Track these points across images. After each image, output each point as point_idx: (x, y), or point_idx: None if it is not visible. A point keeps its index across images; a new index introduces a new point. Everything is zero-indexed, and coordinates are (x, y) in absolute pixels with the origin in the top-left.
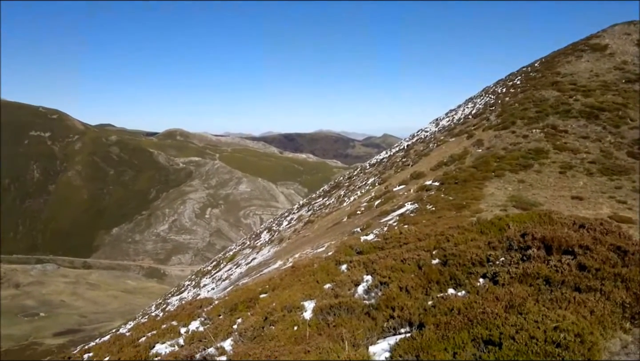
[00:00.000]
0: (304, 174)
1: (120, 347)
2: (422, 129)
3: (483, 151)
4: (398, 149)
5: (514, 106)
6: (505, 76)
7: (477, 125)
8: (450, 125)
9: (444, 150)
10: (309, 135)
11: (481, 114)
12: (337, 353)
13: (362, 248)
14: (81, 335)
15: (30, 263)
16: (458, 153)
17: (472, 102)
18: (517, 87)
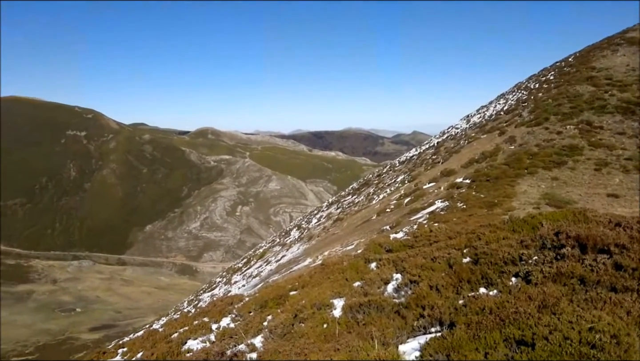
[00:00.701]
0: (333, 171)
1: (153, 343)
2: (453, 126)
3: (515, 148)
4: (428, 146)
5: (547, 101)
6: (538, 71)
7: (510, 121)
8: (482, 121)
9: (475, 147)
10: (338, 133)
11: (513, 110)
12: (367, 352)
13: (391, 246)
14: (116, 330)
15: (67, 259)
16: (490, 150)
17: (504, 98)
18: (551, 83)
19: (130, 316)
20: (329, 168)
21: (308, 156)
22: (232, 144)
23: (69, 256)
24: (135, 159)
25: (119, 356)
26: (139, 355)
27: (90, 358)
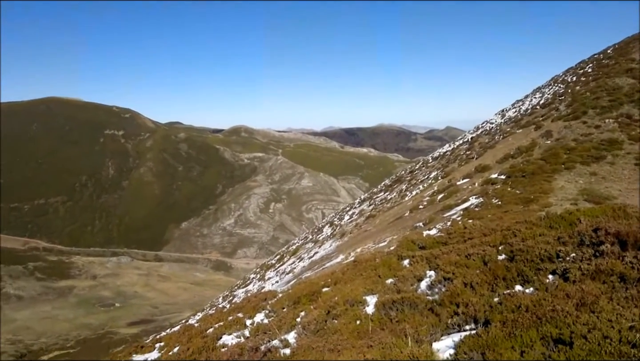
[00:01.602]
0: (365, 168)
1: (189, 337)
2: (487, 121)
3: (552, 143)
4: (462, 141)
5: (585, 94)
6: (576, 64)
7: (546, 115)
8: (517, 116)
9: (511, 142)
10: (370, 129)
11: (550, 104)
12: (400, 349)
13: (424, 242)
14: (153, 325)
15: (106, 255)
16: (525, 145)
17: (540, 92)
18: (589, 75)
19: (167, 311)
20: (361, 165)
21: (340, 153)
22: (264, 141)
23: (108, 253)
24: (171, 157)
25: (156, 350)
26: (175, 350)
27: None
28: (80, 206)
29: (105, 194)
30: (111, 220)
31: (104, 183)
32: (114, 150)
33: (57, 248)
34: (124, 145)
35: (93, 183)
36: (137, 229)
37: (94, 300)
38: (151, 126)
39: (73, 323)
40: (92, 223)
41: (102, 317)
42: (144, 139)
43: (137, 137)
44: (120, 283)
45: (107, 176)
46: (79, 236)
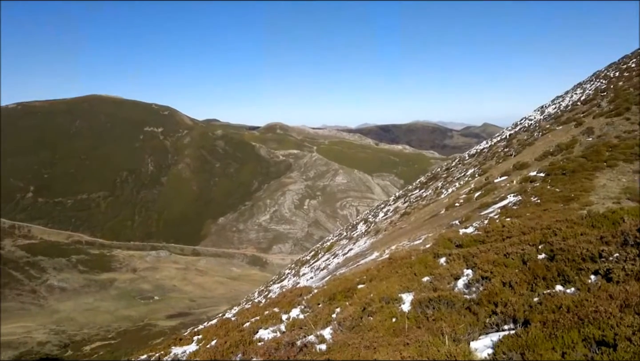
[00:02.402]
0: (400, 165)
1: (226, 331)
2: (526, 118)
3: (593, 140)
4: (499, 138)
5: (628, 90)
6: (619, 59)
7: (587, 112)
8: (557, 112)
9: (550, 139)
10: (405, 126)
11: (591, 100)
12: (437, 347)
13: (461, 241)
14: (191, 318)
15: (146, 249)
16: (565, 142)
17: (581, 87)
18: (632, 71)
19: (204, 304)
20: (395, 162)
21: (375, 150)
22: (299, 138)
23: (147, 247)
24: (208, 154)
25: (195, 343)
26: (213, 343)
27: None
28: (121, 201)
29: (144, 190)
30: (150, 215)
31: (144, 179)
32: (153, 147)
33: (98, 241)
34: (163, 142)
35: (133, 179)
36: (176, 224)
37: (134, 293)
38: (189, 123)
39: (114, 315)
40: (132, 217)
41: (142, 310)
42: (182, 136)
43: (175, 134)
44: (159, 277)
45: (147, 172)
46: (119, 230)
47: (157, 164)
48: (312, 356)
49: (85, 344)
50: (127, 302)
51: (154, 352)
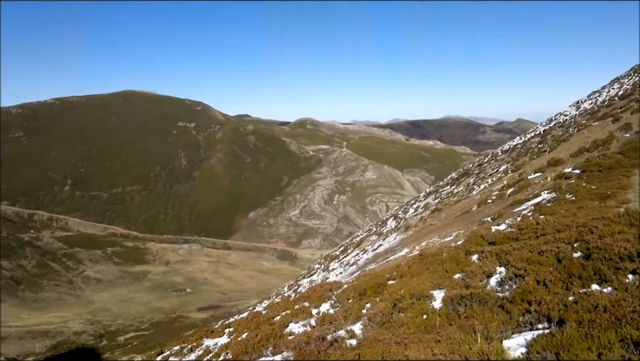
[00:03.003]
0: (431, 161)
1: (257, 324)
2: (561, 113)
3: (631, 136)
4: (533, 134)
5: None
6: None
7: (625, 107)
8: (593, 108)
9: (586, 135)
10: (437, 121)
11: (629, 95)
12: (469, 345)
13: (494, 238)
14: (221, 310)
15: (178, 243)
16: (602, 138)
17: (619, 82)
18: None
19: (235, 298)
20: (426, 157)
21: (405, 145)
22: (329, 134)
23: (180, 240)
24: (239, 149)
25: (226, 335)
26: (244, 335)
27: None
28: (155, 195)
29: (177, 184)
30: (183, 209)
31: (177, 173)
32: (186, 141)
33: (133, 234)
34: (196, 137)
35: (166, 173)
36: (207, 218)
37: (167, 285)
38: (221, 118)
39: (147, 307)
40: (165, 211)
41: (174, 301)
42: (214, 131)
43: (207, 130)
44: (191, 270)
45: (180, 167)
46: (153, 223)
47: (189, 158)
48: (343, 351)
49: (119, 334)
50: (159, 294)
51: (186, 343)
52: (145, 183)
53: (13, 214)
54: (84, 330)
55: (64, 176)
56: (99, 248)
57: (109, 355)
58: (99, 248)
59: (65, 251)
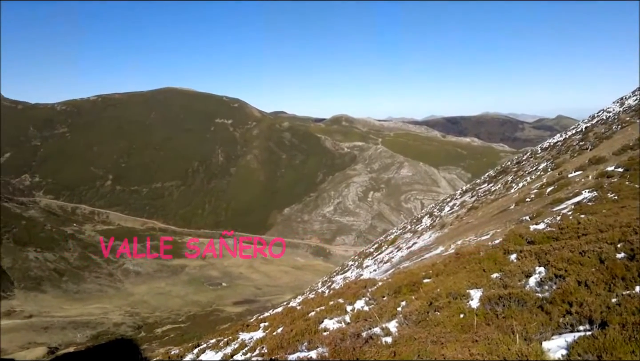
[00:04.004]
0: (468, 158)
1: (292, 319)
2: (604, 110)
3: None
4: (574, 131)
5: None
6: None
7: None
8: (638, 104)
9: (630, 132)
10: (474, 118)
11: None
12: (508, 346)
13: (533, 237)
14: (256, 305)
15: (215, 237)
16: None
17: None
18: None
19: (270, 292)
20: (463, 155)
21: (441, 142)
22: (365, 130)
23: (216, 235)
24: (275, 145)
25: (261, 330)
26: (279, 330)
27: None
28: (192, 190)
29: (214, 180)
30: (220, 204)
31: (214, 169)
32: (223, 138)
33: (171, 228)
34: (233, 133)
35: (204, 169)
36: (243, 213)
37: (203, 279)
38: (257, 115)
39: (184, 300)
40: (202, 206)
41: (210, 295)
42: (251, 128)
43: (244, 126)
44: (226, 264)
45: (217, 163)
46: (190, 218)
47: (226, 155)
48: (378, 349)
49: (157, 326)
50: (196, 287)
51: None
52: (184, 179)
53: (57, 208)
54: (124, 322)
55: (106, 171)
56: (139, 241)
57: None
58: (139, 241)
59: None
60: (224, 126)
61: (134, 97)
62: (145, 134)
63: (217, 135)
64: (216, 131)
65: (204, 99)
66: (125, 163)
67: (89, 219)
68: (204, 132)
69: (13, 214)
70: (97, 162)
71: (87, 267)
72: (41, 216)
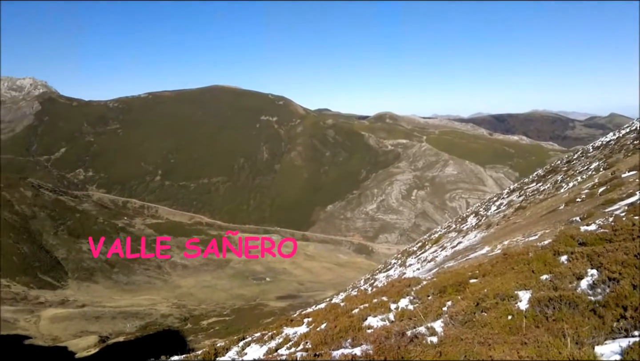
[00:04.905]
0: (515, 157)
1: (335, 316)
2: None
3: None
4: (628, 130)
5: None
6: None
7: None
8: None
9: None
10: (522, 115)
11: None
12: (558, 349)
13: (585, 238)
14: (299, 300)
15: (259, 233)
16: None
17: None
18: None
19: (312, 288)
20: (510, 153)
21: (488, 140)
22: (409, 128)
23: (260, 230)
24: (319, 142)
25: (305, 325)
26: (322, 326)
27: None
28: (238, 186)
29: (259, 176)
30: (264, 200)
31: (259, 166)
32: (268, 135)
33: (217, 223)
34: (277, 130)
35: (249, 165)
36: (287, 209)
37: (247, 273)
38: (302, 112)
39: (229, 293)
40: (247, 202)
41: (254, 289)
42: (295, 125)
43: (289, 123)
44: (270, 260)
45: (262, 159)
46: (236, 213)
47: (271, 151)
48: (423, 348)
49: (202, 319)
50: (241, 282)
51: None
52: (230, 175)
53: (109, 202)
54: (171, 313)
55: (155, 167)
56: (186, 235)
57: (192, 338)
58: (186, 235)
59: (155, 237)
60: (269, 123)
61: (183, 95)
62: (193, 130)
63: (262, 132)
64: (261, 128)
65: (250, 96)
66: (174, 159)
67: (139, 213)
68: (249, 129)
69: (68, 207)
70: (147, 158)
71: (137, 259)
72: (94, 210)
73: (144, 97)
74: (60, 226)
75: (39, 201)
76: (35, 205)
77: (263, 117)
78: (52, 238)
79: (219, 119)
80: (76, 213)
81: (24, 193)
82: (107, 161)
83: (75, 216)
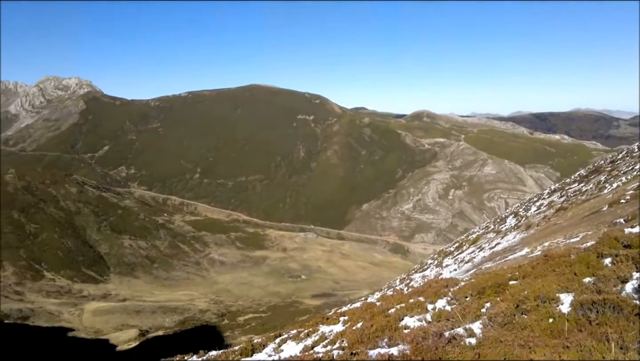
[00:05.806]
0: (557, 156)
1: (371, 315)
2: None
3: None
4: None
5: None
6: None
7: None
8: None
9: None
10: (564, 114)
11: None
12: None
13: (630, 241)
14: (334, 299)
15: (295, 231)
16: None
17: None
18: None
19: (347, 287)
20: (551, 153)
21: (528, 140)
22: (447, 127)
23: (296, 228)
24: (355, 141)
25: (341, 323)
26: (358, 325)
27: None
28: (275, 184)
29: (295, 175)
30: (300, 198)
31: (295, 164)
32: (304, 134)
33: (254, 221)
34: (314, 129)
35: (286, 164)
36: (323, 208)
37: (283, 271)
38: (338, 111)
39: (265, 290)
40: (283, 200)
41: (290, 287)
42: (332, 124)
43: (325, 122)
44: (306, 257)
45: (298, 158)
46: (272, 211)
47: (307, 150)
48: (461, 350)
49: (239, 315)
50: (276, 279)
51: (303, 328)
52: (267, 173)
53: (150, 199)
54: (209, 309)
55: (194, 165)
56: (224, 232)
57: (229, 334)
58: (224, 232)
59: (194, 234)
60: (306, 121)
61: (222, 94)
62: (232, 129)
63: (299, 131)
64: (298, 127)
65: (287, 95)
66: (212, 157)
67: (179, 210)
68: (286, 128)
69: (110, 203)
70: (187, 156)
71: (176, 255)
72: (135, 206)
73: (184, 96)
74: (103, 222)
75: (83, 198)
76: (80, 201)
77: (300, 116)
78: (95, 233)
79: (256, 118)
80: (118, 209)
81: (69, 190)
82: (148, 159)
83: (118, 212)
